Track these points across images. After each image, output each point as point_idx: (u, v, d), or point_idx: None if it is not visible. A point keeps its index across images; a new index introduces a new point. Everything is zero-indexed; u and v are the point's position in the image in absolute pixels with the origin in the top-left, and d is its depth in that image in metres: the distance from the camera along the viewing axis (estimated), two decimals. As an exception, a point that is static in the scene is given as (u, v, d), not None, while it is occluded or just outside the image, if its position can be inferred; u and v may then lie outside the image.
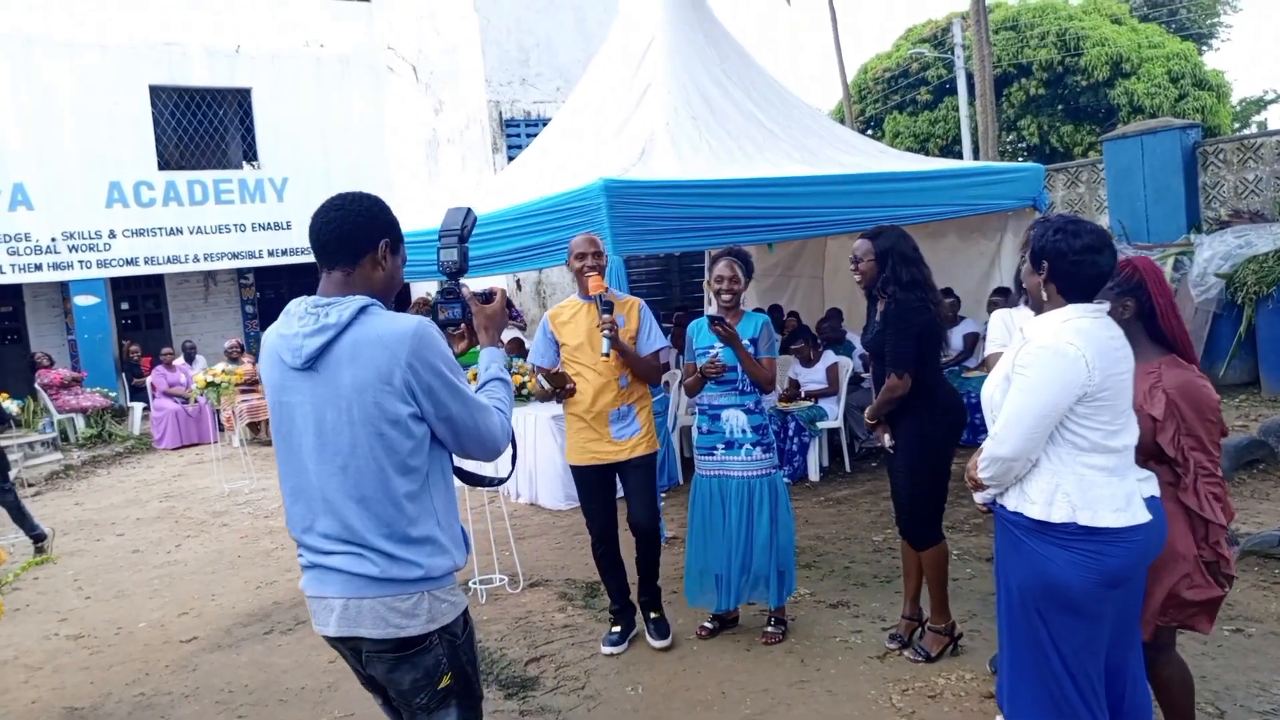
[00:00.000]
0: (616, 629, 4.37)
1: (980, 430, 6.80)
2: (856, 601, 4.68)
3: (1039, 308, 2.60)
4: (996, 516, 2.69)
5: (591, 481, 4.28)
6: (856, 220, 6.77)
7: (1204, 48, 27.59)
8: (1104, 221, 11.15)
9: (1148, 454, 2.64)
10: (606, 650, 4.31)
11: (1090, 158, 16.37)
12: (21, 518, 6.93)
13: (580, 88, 8.56)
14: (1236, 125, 27.09)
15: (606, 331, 3.95)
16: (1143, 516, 2.44)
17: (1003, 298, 7.07)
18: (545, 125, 15.29)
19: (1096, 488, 2.44)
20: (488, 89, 14.60)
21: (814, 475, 7.27)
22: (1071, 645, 2.48)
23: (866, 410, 4.10)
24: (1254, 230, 9.19)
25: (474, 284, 13.94)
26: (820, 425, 7.29)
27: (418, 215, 11.01)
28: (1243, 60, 56.22)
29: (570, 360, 4.24)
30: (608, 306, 4.03)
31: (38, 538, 6.97)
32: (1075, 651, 2.48)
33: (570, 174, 7.02)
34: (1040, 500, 2.49)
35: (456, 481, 2.30)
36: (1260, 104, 31.76)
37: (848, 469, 7.45)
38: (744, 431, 4.18)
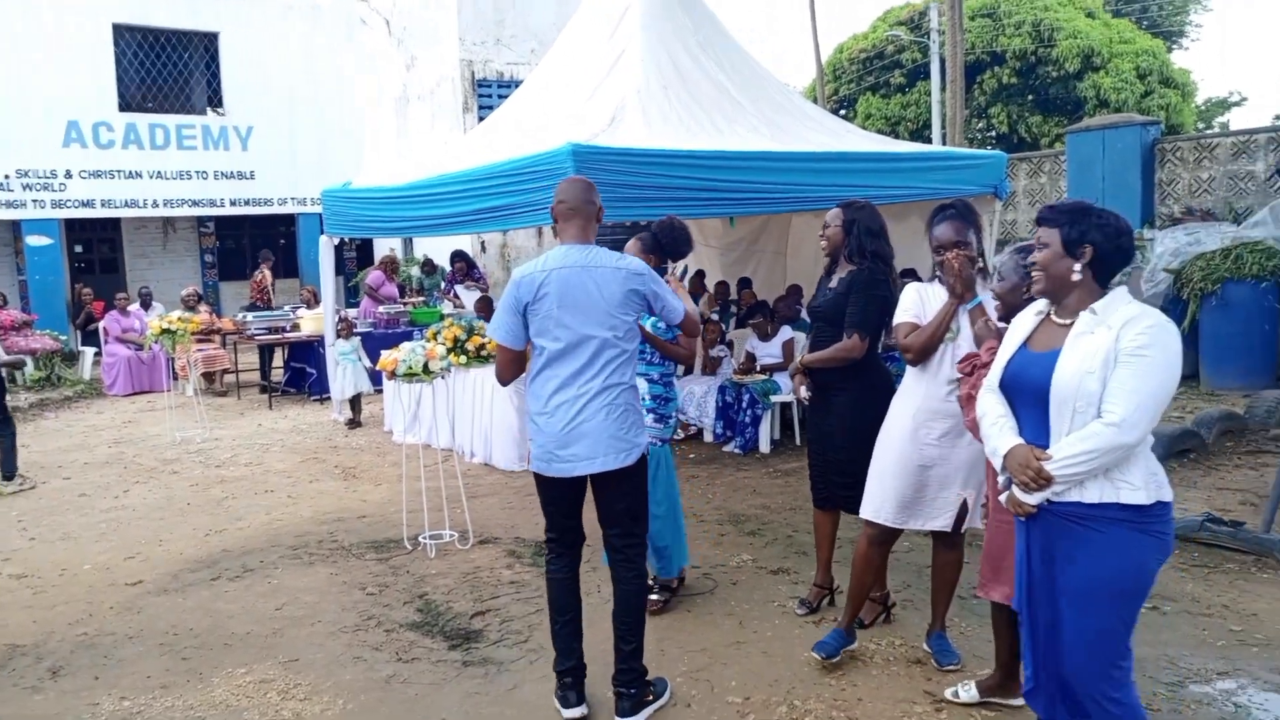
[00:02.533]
0: (563, 686, 4.30)
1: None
2: (797, 569, 4.82)
3: (1055, 293, 2.58)
4: (1048, 518, 2.56)
5: (557, 495, 4.24)
6: (821, 198, 6.84)
7: (1173, 45, 27.92)
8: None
9: None
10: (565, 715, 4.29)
11: (1054, 149, 16.60)
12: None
13: (554, 51, 8.52)
14: (1200, 125, 27.53)
15: None
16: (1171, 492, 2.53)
17: (912, 277, 7.21)
18: (518, 87, 15.25)
19: (1158, 466, 2.53)
20: (461, 48, 14.46)
21: (765, 447, 7.40)
22: (1128, 631, 2.53)
23: (803, 357, 4.12)
24: (1204, 229, 9.43)
25: (438, 243, 13.77)
26: (773, 399, 7.41)
27: (386, 172, 10.93)
28: (1210, 60, 56.98)
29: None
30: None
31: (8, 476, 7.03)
32: (1127, 636, 2.53)
33: (539, 137, 7.01)
34: (1141, 485, 2.47)
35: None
36: (1224, 105, 32.27)
37: (798, 442, 7.59)
38: (641, 399, 4.24)
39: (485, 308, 9.21)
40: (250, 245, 18.43)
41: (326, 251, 9.35)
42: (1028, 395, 2.60)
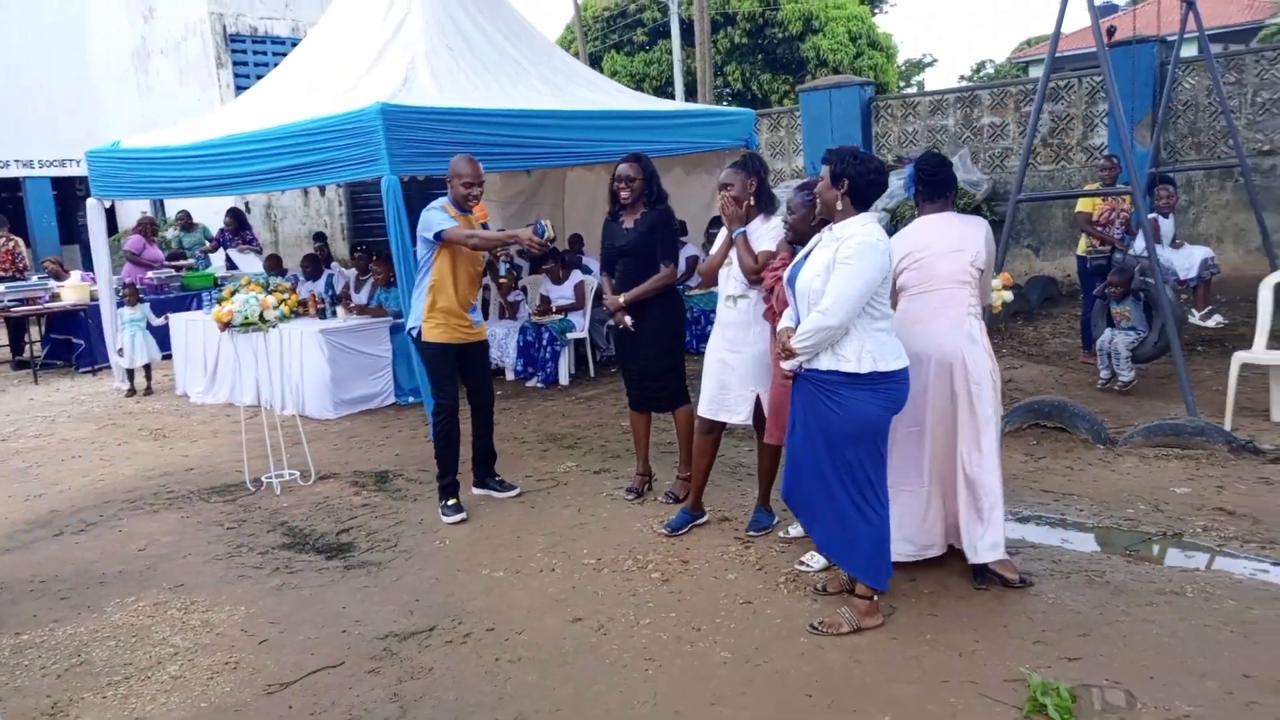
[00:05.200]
0: (453, 501, 5.00)
1: (698, 339, 8.05)
2: (615, 470, 5.65)
3: (831, 215, 3.47)
4: (801, 380, 3.47)
5: (450, 358, 4.98)
6: (601, 152, 7.63)
7: (876, 10, 31.03)
8: (799, 162, 12.87)
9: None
10: (454, 519, 4.91)
11: (785, 105, 18.35)
12: None
13: (331, 13, 8.68)
14: (901, 84, 30.95)
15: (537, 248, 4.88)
16: (906, 360, 3.47)
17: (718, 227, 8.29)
18: (275, 43, 14.80)
19: (884, 344, 3.41)
20: (208, -1, 13.86)
21: (564, 380, 8.18)
22: (872, 464, 3.44)
23: (625, 295, 4.81)
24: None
25: (195, 204, 13.12)
26: (570, 336, 8.19)
27: (131, 132, 10.51)
28: (907, 24, 63.30)
29: (451, 253, 4.93)
30: (541, 229, 4.84)
31: None
32: (875, 468, 3.44)
33: (332, 97, 7.27)
34: (852, 358, 3.33)
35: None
36: (919, 65, 36.44)
37: (592, 374, 8.44)
38: None
39: (275, 265, 9.29)
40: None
41: (96, 215, 9.02)
42: (794, 292, 3.56)
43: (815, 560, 4.05)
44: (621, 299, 4.84)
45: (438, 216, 4.88)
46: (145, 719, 3.20)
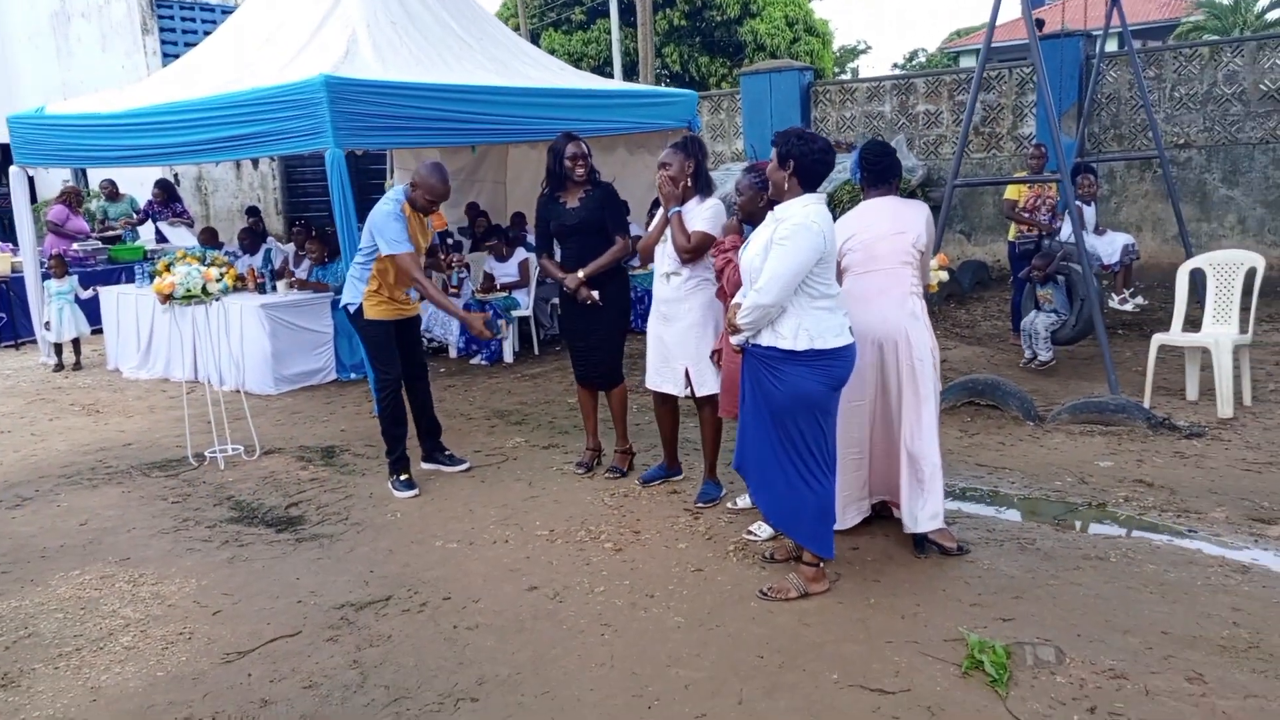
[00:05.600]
0: (405, 475, 5.02)
1: (641, 318, 8.14)
2: (564, 445, 5.73)
3: (780, 196, 3.57)
4: (748, 355, 3.59)
5: (392, 334, 5.02)
6: (545, 130, 7.59)
7: (813, -3, 31.39)
8: (739, 144, 13.01)
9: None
10: (407, 495, 4.93)
11: (723, 88, 18.50)
12: None
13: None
14: (836, 70, 31.35)
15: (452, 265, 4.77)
16: (850, 339, 3.58)
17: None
18: (205, 10, 14.38)
19: (823, 322, 3.51)
20: (132, -39, 13.39)
21: (509, 358, 8.20)
22: (815, 437, 3.55)
23: (583, 270, 4.85)
24: (849, 158, 11.36)
25: (120, 174, 12.68)
26: (514, 313, 8.21)
27: (48, 99, 10.16)
28: (841, 11, 63.99)
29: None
30: (455, 246, 4.80)
31: None
32: (818, 440, 3.56)
33: (271, 68, 7.15)
34: (789, 335, 3.45)
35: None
36: (854, 52, 36.95)
37: (536, 352, 8.47)
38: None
39: (211, 238, 9.09)
40: None
41: (19, 184, 8.71)
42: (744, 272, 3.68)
43: (763, 529, 4.19)
44: (581, 274, 4.87)
45: (393, 228, 4.76)
46: (101, 688, 3.18)
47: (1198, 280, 6.24)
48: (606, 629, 3.46)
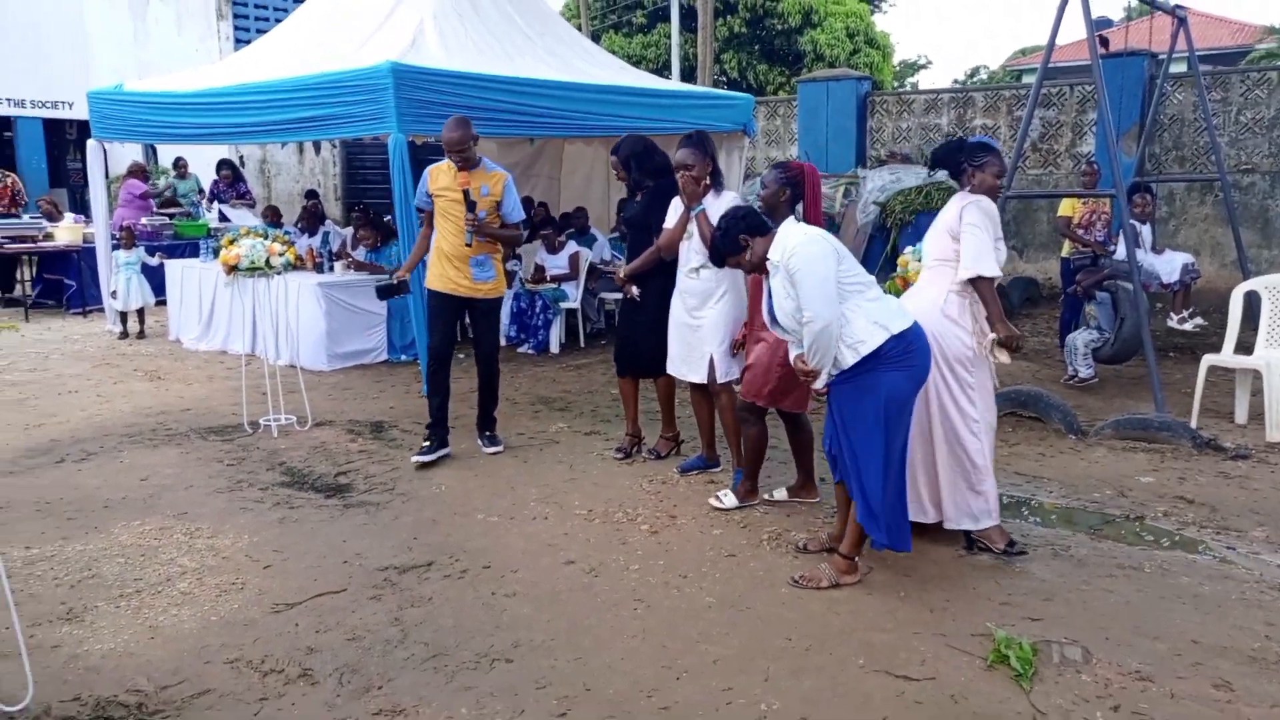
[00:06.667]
0: (428, 443, 5.19)
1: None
2: (606, 432, 5.83)
3: (772, 215, 3.80)
4: (835, 389, 3.55)
5: (445, 307, 5.18)
6: (603, 126, 7.78)
7: (875, 9, 31.24)
8: (793, 151, 13.06)
9: None
10: (416, 459, 5.12)
11: (780, 95, 18.54)
12: None
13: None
14: (896, 83, 31.19)
15: (469, 226, 4.99)
16: (910, 318, 3.59)
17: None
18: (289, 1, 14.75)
19: (885, 308, 3.57)
20: (211, -51, 13.80)
21: (555, 348, 8.35)
22: (904, 437, 3.61)
23: (625, 268, 5.09)
24: (904, 169, 11.35)
25: (196, 152, 12.97)
26: (562, 305, 8.35)
27: (125, 78, 10.49)
28: (904, 25, 63.58)
29: (442, 209, 5.18)
30: (471, 205, 4.97)
31: None
32: (896, 438, 3.56)
33: (340, 54, 7.36)
34: (866, 335, 3.45)
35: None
36: (914, 67, 36.75)
37: (582, 344, 8.60)
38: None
39: (275, 217, 9.37)
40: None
41: (95, 157, 9.05)
42: (785, 330, 3.71)
43: (728, 498, 4.48)
44: (622, 272, 5.12)
45: (421, 182, 5.26)
46: (159, 627, 3.35)
47: (1253, 303, 6.17)
48: (639, 604, 3.55)
